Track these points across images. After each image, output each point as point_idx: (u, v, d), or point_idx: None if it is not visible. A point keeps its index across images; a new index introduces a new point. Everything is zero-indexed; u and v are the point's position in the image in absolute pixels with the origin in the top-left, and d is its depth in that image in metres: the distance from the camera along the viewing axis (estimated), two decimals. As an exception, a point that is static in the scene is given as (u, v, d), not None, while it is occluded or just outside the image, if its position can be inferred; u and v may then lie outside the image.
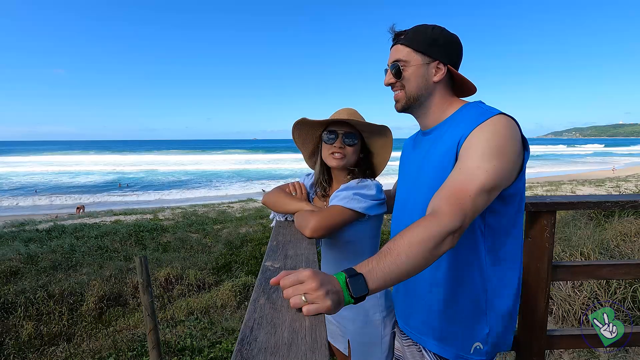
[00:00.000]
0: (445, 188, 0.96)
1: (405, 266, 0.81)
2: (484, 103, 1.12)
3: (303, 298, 0.72)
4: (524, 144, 1.03)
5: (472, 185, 0.93)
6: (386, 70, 1.19)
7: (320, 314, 0.73)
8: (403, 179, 1.31)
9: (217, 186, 31.62)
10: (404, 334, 1.31)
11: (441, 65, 1.12)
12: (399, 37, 1.15)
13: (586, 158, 60.98)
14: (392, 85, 1.18)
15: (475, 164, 0.95)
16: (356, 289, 0.76)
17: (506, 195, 1.03)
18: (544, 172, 33.80)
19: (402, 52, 1.13)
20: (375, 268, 0.80)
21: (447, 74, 1.13)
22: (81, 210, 18.86)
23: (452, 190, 0.94)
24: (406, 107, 1.18)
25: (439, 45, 1.11)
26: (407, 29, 1.15)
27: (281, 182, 1.63)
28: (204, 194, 27.51)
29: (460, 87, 1.19)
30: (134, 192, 28.67)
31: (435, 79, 1.13)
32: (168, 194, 27.30)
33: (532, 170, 34.70)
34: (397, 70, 1.14)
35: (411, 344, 1.28)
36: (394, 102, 1.20)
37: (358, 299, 0.77)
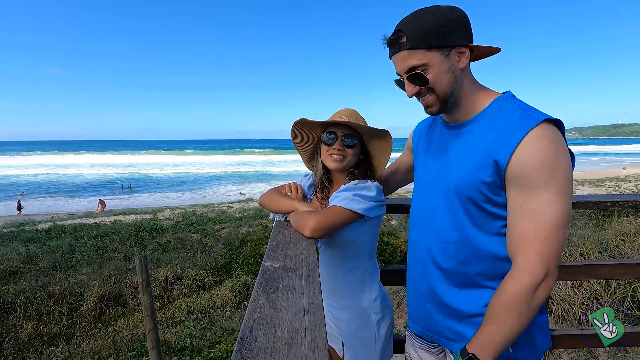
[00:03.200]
0: (516, 234, 0.91)
1: (510, 330, 0.90)
2: (516, 97, 1.02)
3: None
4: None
5: (545, 225, 0.87)
6: (399, 82, 1.05)
7: None
8: (424, 171, 1.20)
9: (212, 187, 31.62)
10: (423, 338, 1.25)
11: (462, 49, 0.98)
12: (400, 43, 0.97)
13: (609, 157, 60.62)
14: (418, 93, 1.03)
15: (540, 200, 0.87)
16: None
17: None
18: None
19: (415, 56, 0.96)
20: (483, 343, 0.92)
21: (469, 55, 1.00)
22: (103, 206, 19.07)
23: (524, 236, 0.89)
24: (441, 109, 1.04)
25: (451, 29, 0.95)
26: (401, 30, 0.97)
27: (274, 184, 1.63)
28: (201, 194, 27.50)
29: (483, 55, 1.06)
30: (135, 193, 28.68)
31: (461, 65, 0.99)
32: (168, 195, 27.30)
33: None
34: (419, 78, 0.98)
35: (431, 349, 1.23)
36: (426, 108, 1.05)
37: None
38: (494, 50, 1.03)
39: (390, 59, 1.04)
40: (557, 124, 0.91)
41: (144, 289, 2.99)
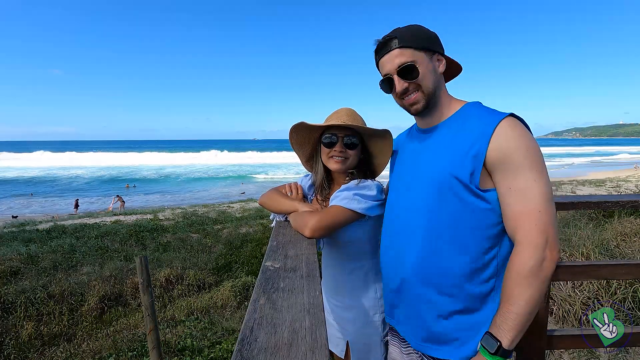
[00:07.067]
0: (513, 214, 0.97)
1: (523, 305, 0.92)
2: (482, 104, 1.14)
3: None
4: None
5: (536, 201, 0.94)
6: (387, 80, 1.14)
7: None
8: (399, 177, 1.27)
9: (212, 188, 31.62)
10: (405, 341, 1.26)
11: (440, 57, 1.15)
12: (392, 43, 1.10)
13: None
14: (405, 90, 1.12)
15: (526, 179, 0.95)
16: (489, 345, 0.95)
17: None
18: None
19: (406, 54, 1.09)
20: (500, 323, 0.95)
21: (445, 65, 1.17)
22: (122, 204, 18.91)
23: (519, 214, 0.96)
24: (426, 106, 1.13)
25: (432, 39, 1.13)
26: (392, 34, 1.11)
27: (273, 185, 1.62)
28: (201, 194, 27.50)
29: (450, 72, 1.22)
30: (136, 193, 28.70)
31: (441, 69, 1.15)
32: (168, 194, 27.30)
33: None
34: (410, 71, 1.09)
35: (412, 352, 1.24)
36: (411, 106, 1.14)
37: (499, 352, 0.93)
38: (458, 69, 1.22)
39: (379, 62, 1.16)
40: (522, 120, 1.03)
41: (145, 289, 2.99)
